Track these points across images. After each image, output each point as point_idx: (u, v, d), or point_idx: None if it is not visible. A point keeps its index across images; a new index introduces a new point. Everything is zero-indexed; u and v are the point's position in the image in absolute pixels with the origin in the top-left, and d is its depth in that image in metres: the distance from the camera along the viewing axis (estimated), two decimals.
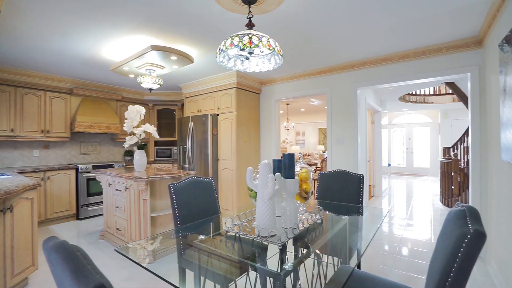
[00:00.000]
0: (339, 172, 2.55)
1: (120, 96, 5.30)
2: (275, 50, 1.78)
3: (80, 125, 4.49)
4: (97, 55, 3.43)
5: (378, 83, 3.69)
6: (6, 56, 3.47)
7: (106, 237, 3.42)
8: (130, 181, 2.95)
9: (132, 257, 1.35)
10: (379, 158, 6.15)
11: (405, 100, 7.29)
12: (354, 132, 3.92)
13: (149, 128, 3.32)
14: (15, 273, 2.12)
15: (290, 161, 1.48)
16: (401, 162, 10.54)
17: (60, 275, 0.76)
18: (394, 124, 10.69)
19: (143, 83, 3.48)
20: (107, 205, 3.47)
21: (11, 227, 2.10)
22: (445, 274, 0.91)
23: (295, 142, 12.43)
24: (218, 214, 2.17)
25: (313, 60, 3.76)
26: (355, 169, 3.87)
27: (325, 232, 1.71)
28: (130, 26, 2.62)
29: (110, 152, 5.49)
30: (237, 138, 4.34)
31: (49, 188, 4.08)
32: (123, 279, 2.39)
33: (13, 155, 4.24)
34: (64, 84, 4.55)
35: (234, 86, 4.33)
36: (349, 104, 3.96)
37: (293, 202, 1.50)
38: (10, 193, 1.97)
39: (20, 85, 4.08)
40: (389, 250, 3.04)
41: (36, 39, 2.94)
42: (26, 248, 2.26)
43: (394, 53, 3.44)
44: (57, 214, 4.17)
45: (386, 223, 4.07)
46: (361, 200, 2.37)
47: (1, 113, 3.89)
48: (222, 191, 4.51)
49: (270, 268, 1.25)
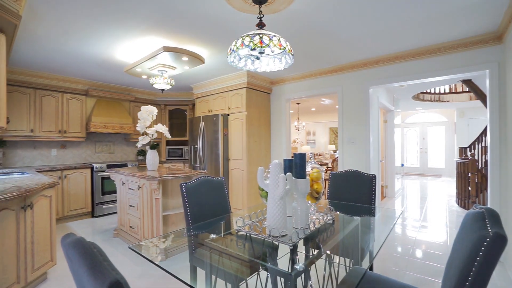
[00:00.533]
0: (350, 172, 2.52)
1: (133, 97, 5.42)
2: (286, 50, 1.77)
3: (95, 125, 4.62)
4: (111, 57, 3.51)
5: (390, 81, 3.62)
6: (27, 59, 3.61)
7: (120, 235, 3.51)
8: (143, 180, 3.01)
9: (145, 255, 1.38)
10: (392, 158, 6.02)
11: (419, 98, 7.10)
12: (366, 131, 3.85)
13: (161, 128, 3.37)
14: (35, 268, 2.21)
15: (301, 161, 1.48)
16: (415, 162, 10.28)
17: (78, 271, 0.78)
18: (407, 124, 10.44)
19: (155, 84, 3.54)
20: (120, 204, 3.56)
21: (31, 223, 2.18)
22: (462, 278, 0.88)
23: (305, 142, 12.34)
24: (229, 214, 2.18)
25: (324, 59, 3.72)
26: (367, 169, 3.81)
27: (337, 232, 1.69)
28: (143, 28, 2.67)
29: (124, 152, 5.62)
30: (247, 138, 4.35)
31: (66, 186, 4.22)
32: (136, 276, 2.45)
33: (32, 154, 4.42)
34: (80, 86, 4.69)
35: (244, 86, 4.35)
36: (360, 103, 3.90)
37: (304, 202, 1.49)
38: (31, 191, 2.05)
39: (39, 87, 4.24)
40: (402, 252, 2.98)
41: (54, 43, 3.04)
42: (45, 244, 2.35)
43: (408, 50, 3.36)
44: (73, 211, 4.30)
45: (399, 224, 3.98)
46: (374, 200, 2.33)
47: (22, 114, 4.05)
48: (232, 191, 4.53)
49: (281, 268, 1.24)
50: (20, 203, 2.06)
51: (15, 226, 2.01)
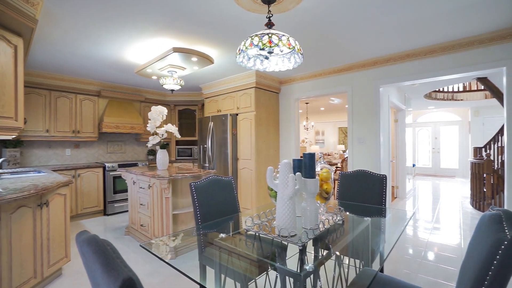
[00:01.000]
0: (360, 173, 2.48)
1: (143, 97, 5.51)
2: (295, 49, 1.77)
3: (107, 126, 4.73)
4: (123, 58, 3.58)
5: (402, 80, 3.55)
6: (42, 62, 3.73)
7: (131, 233, 3.58)
8: (153, 179, 3.06)
9: (156, 253, 1.40)
10: (403, 158, 5.90)
11: (432, 97, 6.93)
12: (376, 131, 3.79)
13: (171, 128, 3.42)
14: (51, 264, 2.28)
15: (311, 160, 1.47)
16: (427, 163, 10.05)
17: (92, 267, 0.80)
18: (419, 123, 10.21)
19: (165, 85, 3.59)
20: (131, 202, 3.63)
21: (47, 220, 2.25)
22: (478, 283, 0.86)
23: (314, 142, 12.25)
24: (238, 213, 2.19)
25: (333, 58, 3.68)
26: (377, 169, 3.75)
27: (346, 233, 1.67)
28: (153, 29, 2.71)
29: (134, 151, 5.72)
30: (256, 137, 4.35)
31: (80, 185, 4.33)
32: (147, 274, 2.49)
33: (48, 153, 4.55)
34: (93, 87, 4.80)
35: (253, 85, 4.35)
36: (371, 102, 3.84)
37: (314, 202, 1.48)
38: (46, 189, 2.12)
39: (54, 88, 4.36)
40: (414, 254, 2.92)
41: (69, 46, 3.13)
42: (60, 241, 2.42)
43: (420, 48, 3.29)
44: (86, 209, 4.41)
45: (411, 226, 3.90)
46: (384, 201, 2.29)
47: (38, 115, 4.19)
48: (241, 190, 4.55)
49: (290, 268, 1.24)
50: (37, 201, 2.13)
51: (32, 223, 2.08)
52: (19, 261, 1.95)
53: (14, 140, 4.02)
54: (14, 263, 1.91)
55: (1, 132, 2.13)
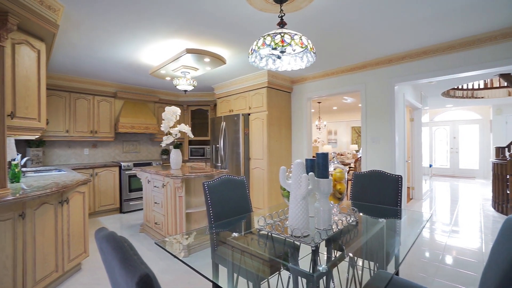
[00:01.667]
0: (375, 173, 2.44)
1: (157, 98, 5.63)
2: (308, 48, 1.75)
3: (123, 126, 4.86)
4: (138, 60, 3.67)
5: (418, 78, 3.44)
6: (63, 65, 3.88)
7: (145, 230, 3.67)
8: (167, 178, 3.12)
9: (170, 251, 1.43)
10: (419, 158, 5.73)
11: (450, 95, 6.68)
12: (391, 130, 3.70)
13: (184, 128, 3.47)
14: (71, 258, 2.38)
15: (324, 160, 1.45)
16: (445, 163, 9.71)
17: (111, 263, 0.83)
18: (436, 122, 9.88)
19: (178, 85, 3.65)
20: (146, 201, 3.72)
21: (67, 217, 2.35)
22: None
23: (327, 141, 12.10)
24: (250, 213, 2.20)
25: (346, 56, 3.63)
26: (392, 169, 3.66)
27: (360, 235, 1.65)
28: (167, 31, 2.77)
29: (149, 151, 5.86)
30: (268, 137, 4.35)
31: (97, 183, 4.48)
32: (161, 271, 2.54)
33: (67, 153, 4.74)
34: (109, 88, 4.95)
35: (265, 85, 4.35)
36: (385, 101, 3.76)
37: (327, 202, 1.47)
38: (67, 187, 2.21)
39: (73, 90, 4.53)
40: (431, 257, 2.83)
41: (87, 49, 3.24)
42: (79, 237, 2.52)
43: (438, 44, 3.18)
44: (103, 207, 4.56)
45: (427, 228, 3.78)
46: (400, 202, 2.24)
47: (58, 116, 4.36)
48: (253, 190, 4.56)
49: (303, 269, 1.24)
50: (58, 198, 2.22)
51: (54, 219, 2.18)
52: (42, 255, 2.04)
53: (37, 140, 4.21)
54: (38, 257, 2.00)
55: (25, 132, 2.23)
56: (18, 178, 2.36)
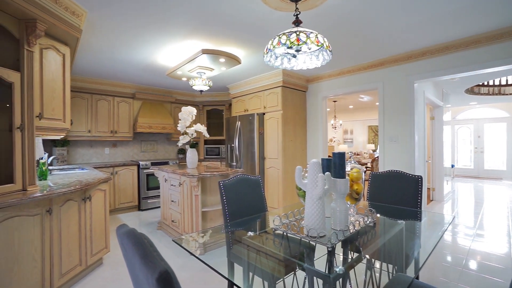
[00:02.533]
0: (393, 173, 2.37)
1: (173, 98, 5.75)
2: (324, 46, 1.73)
3: (141, 126, 5.01)
4: (155, 62, 3.77)
5: (439, 74, 3.31)
6: (85, 68, 4.06)
7: (162, 228, 3.76)
8: (184, 177, 3.18)
9: (187, 248, 1.47)
10: (440, 158, 5.50)
11: (474, 92, 6.36)
12: (410, 129, 3.58)
13: (200, 128, 3.53)
14: (93, 253, 2.48)
15: (341, 160, 1.43)
16: (468, 163, 9.26)
17: (132, 259, 0.86)
18: (459, 120, 9.44)
19: (194, 86, 3.71)
20: (163, 199, 3.81)
21: (90, 213, 2.45)
22: None
23: (342, 141, 11.88)
24: (265, 212, 2.21)
25: (363, 53, 3.54)
26: (411, 169, 3.54)
27: (378, 236, 1.61)
28: (183, 33, 2.82)
29: (166, 150, 6.00)
30: (283, 136, 4.34)
31: (117, 181, 4.65)
32: (177, 267, 2.60)
33: (89, 152, 4.95)
34: (128, 90, 5.12)
35: (280, 85, 4.34)
36: (404, 99, 3.64)
37: (344, 203, 1.44)
38: (89, 184, 2.31)
39: (95, 92, 4.72)
40: (453, 261, 2.71)
41: (107, 52, 3.37)
42: (101, 233, 2.62)
43: (461, 39, 3.04)
44: (122, 204, 4.72)
45: (449, 231, 3.63)
46: (419, 204, 2.16)
47: (81, 117, 4.56)
48: (268, 190, 4.56)
49: (319, 270, 1.22)
50: (81, 195, 2.32)
51: (77, 215, 2.28)
52: (67, 249, 2.15)
53: (62, 140, 4.42)
54: (63, 251, 2.11)
55: (51, 132, 2.36)
56: (45, 176, 2.49)
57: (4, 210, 1.65)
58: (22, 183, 1.90)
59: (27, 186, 1.92)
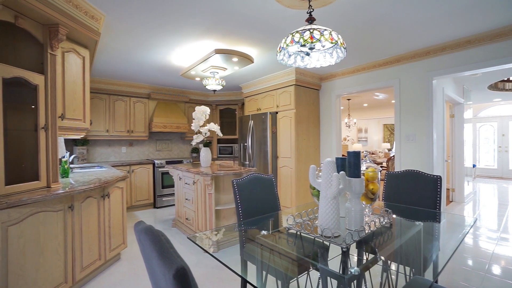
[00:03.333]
0: (410, 173, 2.30)
1: (187, 98, 5.84)
2: (338, 43, 1.70)
3: (156, 125, 5.13)
4: (169, 62, 3.85)
5: (460, 70, 3.18)
6: (102, 70, 4.20)
7: (177, 225, 3.84)
8: (197, 176, 3.23)
9: (201, 245, 1.49)
10: (460, 157, 5.29)
11: (498, 88, 6.05)
12: (428, 128, 3.46)
13: (213, 127, 3.57)
14: (112, 248, 2.57)
15: (356, 159, 1.41)
16: (491, 163, 8.84)
17: (149, 255, 0.89)
18: (481, 118, 9.02)
19: (208, 85, 3.75)
20: (178, 197, 3.89)
21: (108, 210, 2.54)
22: None
23: (356, 140, 11.66)
24: (278, 211, 2.20)
25: (378, 50, 3.46)
26: (429, 169, 3.42)
27: (394, 237, 1.57)
28: (197, 33, 2.86)
29: (180, 149, 6.11)
30: (296, 135, 4.31)
31: (133, 179, 4.78)
32: (192, 264, 2.65)
33: (107, 151, 5.12)
34: (144, 90, 5.25)
35: (293, 83, 4.31)
36: (422, 96, 3.52)
37: (359, 203, 1.42)
38: (108, 182, 2.39)
39: (112, 93, 4.88)
40: (475, 266, 2.60)
41: (124, 54, 3.47)
42: (118, 229, 2.71)
43: (484, 32, 2.90)
44: (139, 202, 4.86)
45: (470, 234, 3.48)
46: (438, 205, 2.09)
47: (99, 117, 4.73)
48: (281, 189, 4.55)
49: (334, 270, 1.21)
50: (100, 192, 2.41)
51: (97, 211, 2.37)
52: (87, 244, 2.24)
53: (82, 139, 4.60)
54: (84, 246, 2.20)
55: (72, 132, 2.46)
56: (67, 174, 2.60)
57: (31, 206, 1.74)
58: (47, 180, 2.00)
59: (51, 183, 2.01)
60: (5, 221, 1.60)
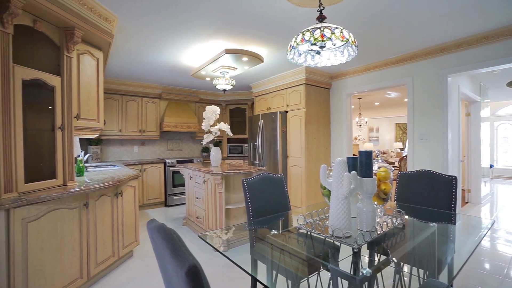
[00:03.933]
0: (424, 173, 2.24)
1: (198, 98, 5.90)
2: (349, 41, 1.68)
3: (167, 125, 5.21)
4: (180, 63, 3.89)
5: (477, 67, 3.07)
6: (115, 71, 4.29)
7: (187, 224, 3.89)
8: (208, 175, 3.26)
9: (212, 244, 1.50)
10: (477, 157, 5.12)
11: None
12: (442, 127, 3.37)
13: (223, 127, 3.59)
14: (125, 246, 2.63)
15: (367, 159, 1.39)
16: (510, 163, 8.51)
17: (162, 252, 0.90)
18: (499, 116, 8.70)
19: (218, 85, 3.78)
20: (188, 196, 3.93)
21: (121, 208, 2.60)
22: None
23: (368, 139, 11.47)
24: (288, 211, 2.20)
25: (390, 48, 3.39)
26: (443, 169, 3.33)
27: (407, 239, 1.54)
28: (207, 33, 2.88)
29: (190, 149, 6.18)
30: (306, 135, 4.28)
31: (145, 178, 4.87)
32: (203, 263, 2.68)
33: (120, 150, 5.24)
34: (155, 90, 5.34)
35: (303, 82, 4.28)
36: (436, 94, 3.42)
37: (371, 203, 1.40)
38: (121, 181, 2.45)
39: (125, 93, 4.98)
40: (492, 269, 2.52)
41: (135, 55, 3.53)
42: (131, 227, 2.77)
43: (502, 27, 2.79)
44: (150, 200, 4.95)
45: (487, 237, 3.37)
46: (454, 206, 2.03)
47: (112, 117, 4.84)
48: (291, 188, 4.53)
49: (345, 271, 1.20)
50: (114, 190, 2.47)
51: (110, 209, 2.43)
52: (102, 241, 2.30)
53: (96, 139, 4.73)
54: (98, 242, 2.26)
55: (87, 132, 2.53)
56: (82, 172, 2.68)
57: (49, 203, 1.81)
58: (63, 178, 2.07)
59: (67, 182, 2.08)
60: (25, 218, 1.67)
